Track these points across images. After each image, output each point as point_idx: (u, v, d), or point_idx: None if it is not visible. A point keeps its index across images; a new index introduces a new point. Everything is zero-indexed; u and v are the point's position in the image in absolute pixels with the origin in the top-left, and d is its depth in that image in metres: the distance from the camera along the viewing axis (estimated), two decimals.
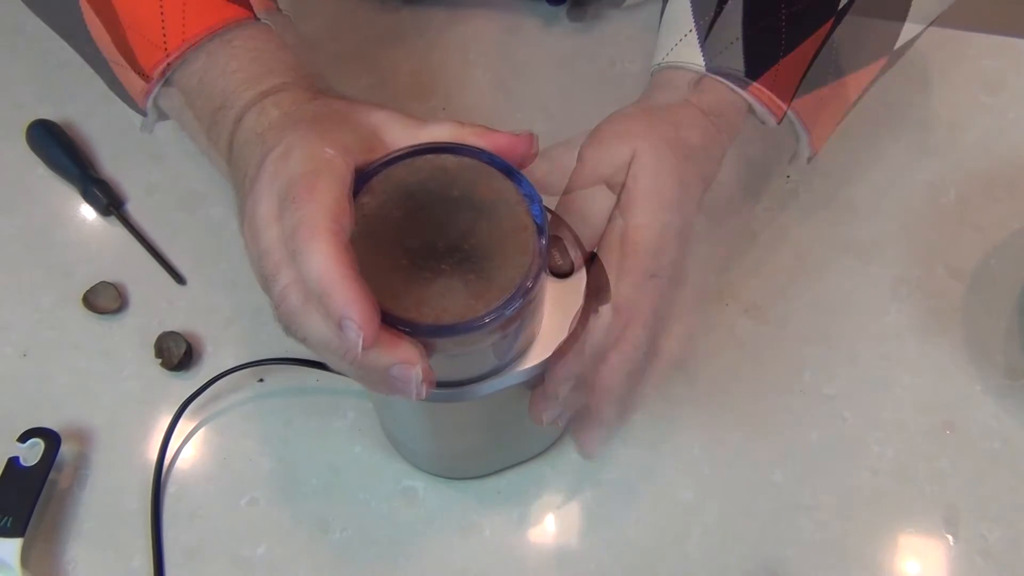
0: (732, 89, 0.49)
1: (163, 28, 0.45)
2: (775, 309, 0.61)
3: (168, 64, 0.45)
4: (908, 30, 0.52)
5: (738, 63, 0.49)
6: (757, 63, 0.49)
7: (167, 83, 0.47)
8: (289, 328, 0.37)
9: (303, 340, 0.37)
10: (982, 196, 0.65)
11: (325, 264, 0.33)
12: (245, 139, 0.43)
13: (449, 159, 0.40)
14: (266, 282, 0.37)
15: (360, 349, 0.33)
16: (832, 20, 0.51)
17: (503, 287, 0.37)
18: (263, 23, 0.47)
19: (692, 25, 0.51)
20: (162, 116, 0.50)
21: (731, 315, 0.60)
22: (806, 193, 0.65)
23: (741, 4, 0.50)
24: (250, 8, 0.46)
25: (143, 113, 0.49)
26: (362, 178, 0.39)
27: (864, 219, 0.64)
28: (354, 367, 0.36)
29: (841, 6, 0.51)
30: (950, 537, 0.54)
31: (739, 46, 0.49)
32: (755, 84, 0.49)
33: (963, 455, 0.56)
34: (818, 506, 0.54)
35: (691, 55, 0.50)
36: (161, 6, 0.45)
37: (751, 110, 0.51)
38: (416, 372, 0.35)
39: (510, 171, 0.40)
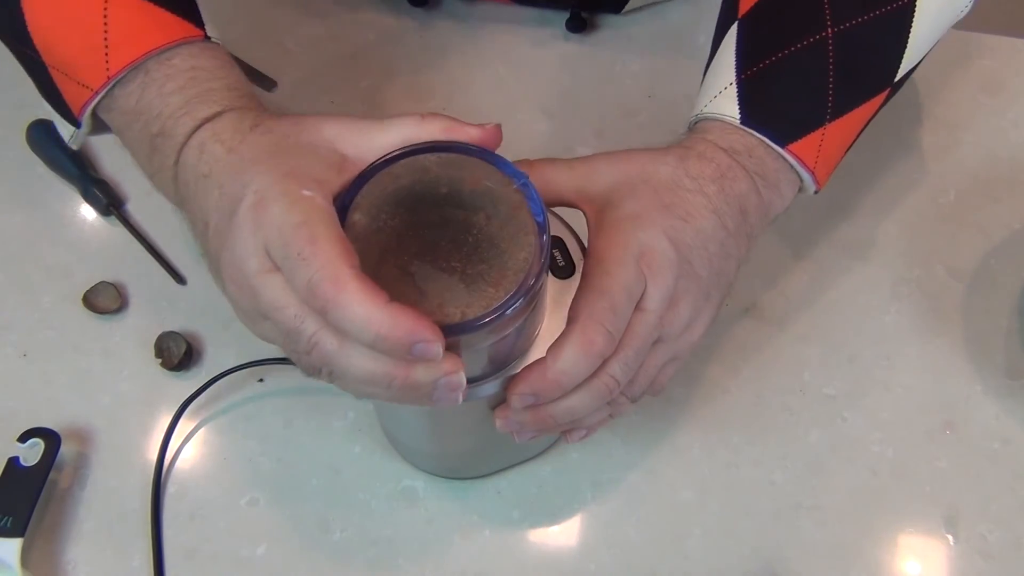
0: (771, 147, 0.48)
1: (106, 46, 0.43)
2: (775, 309, 0.61)
3: (108, 78, 0.44)
4: (909, 60, 0.51)
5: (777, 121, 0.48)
6: (799, 124, 0.48)
7: (108, 96, 0.45)
8: (322, 372, 0.38)
9: (339, 379, 0.38)
10: (982, 196, 0.65)
11: (368, 310, 0.34)
12: (191, 178, 0.42)
13: (429, 159, 0.40)
14: (284, 335, 0.38)
15: (440, 355, 0.35)
16: (888, 91, 0.51)
17: (512, 278, 0.38)
18: (213, 42, 0.46)
19: (734, 78, 0.49)
20: (97, 130, 0.48)
21: (731, 315, 0.60)
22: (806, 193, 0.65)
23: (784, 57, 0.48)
24: (201, 27, 0.45)
25: (76, 124, 0.47)
26: (346, 195, 0.39)
27: (864, 219, 0.64)
28: (401, 390, 0.37)
29: (898, 79, 0.51)
30: (950, 537, 0.54)
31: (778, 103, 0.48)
32: (795, 144, 0.48)
33: (963, 455, 0.56)
34: (818, 506, 0.55)
35: (730, 108, 0.48)
36: (106, 24, 0.43)
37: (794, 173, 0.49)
38: (460, 378, 0.37)
39: (497, 161, 0.40)
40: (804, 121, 0.48)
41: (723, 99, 0.49)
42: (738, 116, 0.48)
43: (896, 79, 0.51)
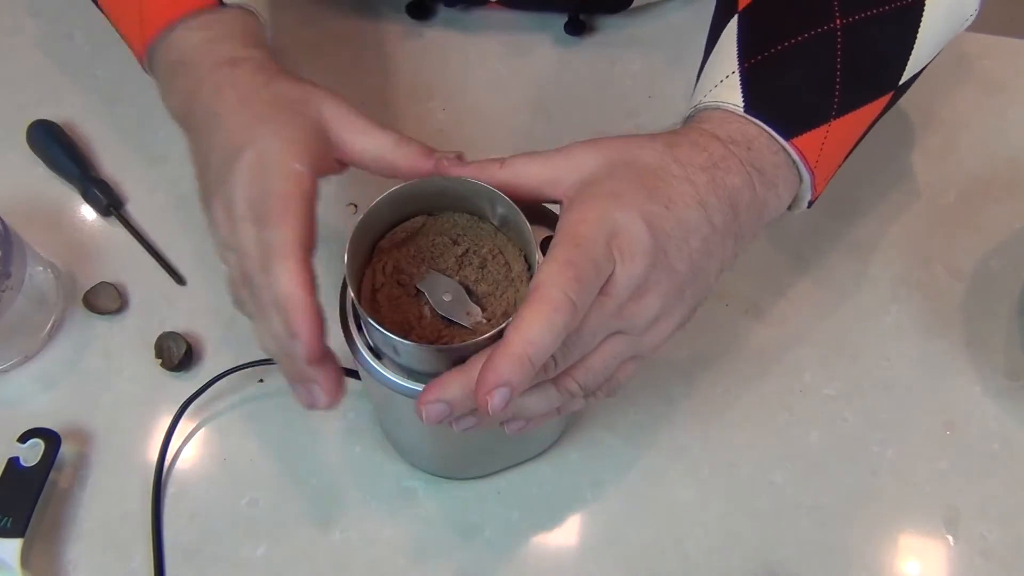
0: (774, 138, 0.46)
1: (141, 20, 0.50)
2: (775, 309, 0.61)
3: (146, 46, 0.50)
4: (915, 63, 0.50)
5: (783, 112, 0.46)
6: (804, 116, 0.46)
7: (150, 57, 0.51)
8: (246, 311, 0.44)
9: (257, 329, 0.43)
10: (982, 196, 0.65)
11: (288, 284, 0.39)
12: (203, 112, 0.46)
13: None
14: (239, 274, 0.43)
15: (304, 362, 0.40)
16: (892, 95, 0.50)
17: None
18: (231, 8, 0.50)
19: (736, 66, 0.47)
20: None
21: (731, 315, 0.60)
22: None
23: (791, 49, 0.47)
24: None
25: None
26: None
27: (864, 219, 0.64)
28: (285, 365, 0.43)
29: (903, 82, 0.50)
30: (950, 537, 0.54)
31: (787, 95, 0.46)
32: (800, 138, 0.46)
33: (963, 455, 0.56)
34: (818, 506, 0.55)
35: (733, 96, 0.46)
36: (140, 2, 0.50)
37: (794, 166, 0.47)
38: (322, 399, 0.42)
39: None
40: (810, 113, 0.46)
41: (724, 88, 0.47)
42: (741, 104, 0.45)
43: (901, 81, 0.50)
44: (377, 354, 0.42)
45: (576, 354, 0.41)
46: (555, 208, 0.44)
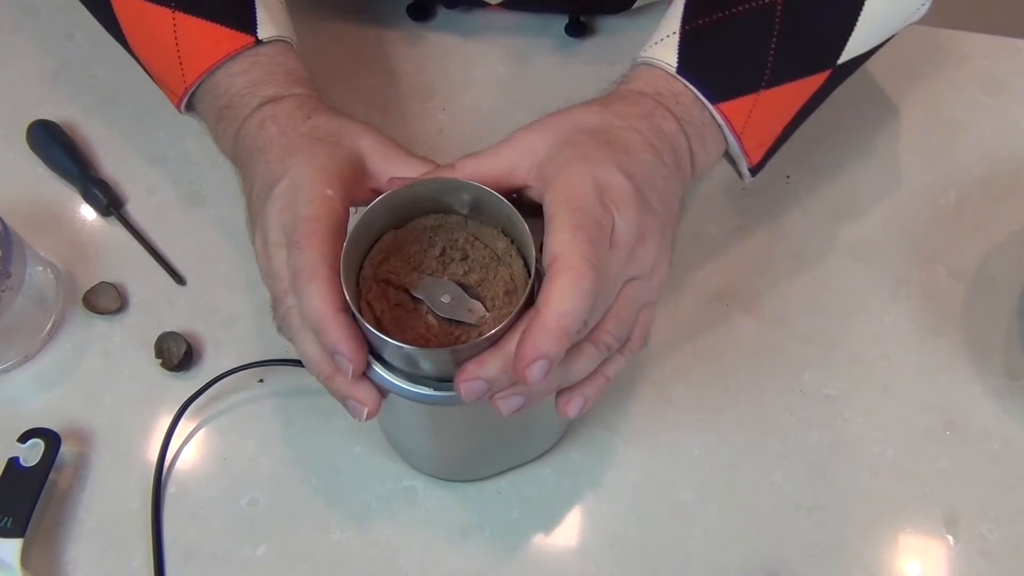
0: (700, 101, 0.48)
1: (180, 63, 0.52)
2: (775, 309, 0.61)
3: (186, 90, 0.52)
4: (856, 45, 0.51)
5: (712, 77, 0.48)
6: (732, 82, 0.48)
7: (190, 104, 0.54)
8: (286, 335, 0.45)
9: (294, 344, 0.44)
10: (982, 196, 0.65)
11: (320, 307, 0.40)
12: (248, 148, 0.49)
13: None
14: (273, 298, 0.45)
15: (350, 377, 0.41)
16: (829, 73, 0.51)
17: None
18: (268, 41, 0.52)
19: (678, 27, 0.50)
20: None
21: (731, 315, 0.60)
22: (806, 193, 0.65)
23: (732, 20, 0.49)
24: (254, 32, 0.52)
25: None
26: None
27: (864, 219, 0.64)
28: (326, 385, 0.43)
29: (842, 61, 0.51)
30: (950, 537, 0.54)
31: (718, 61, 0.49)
32: (726, 103, 0.48)
33: (963, 455, 0.56)
34: (818, 506, 0.55)
35: (668, 55, 0.49)
36: (177, 46, 0.52)
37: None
38: (361, 410, 0.42)
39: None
40: (738, 82, 0.48)
41: (662, 47, 0.49)
42: (675, 64, 0.48)
43: (840, 61, 0.51)
44: (377, 357, 0.42)
45: (601, 309, 0.41)
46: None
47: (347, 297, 0.40)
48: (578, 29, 0.71)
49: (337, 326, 0.40)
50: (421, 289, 0.42)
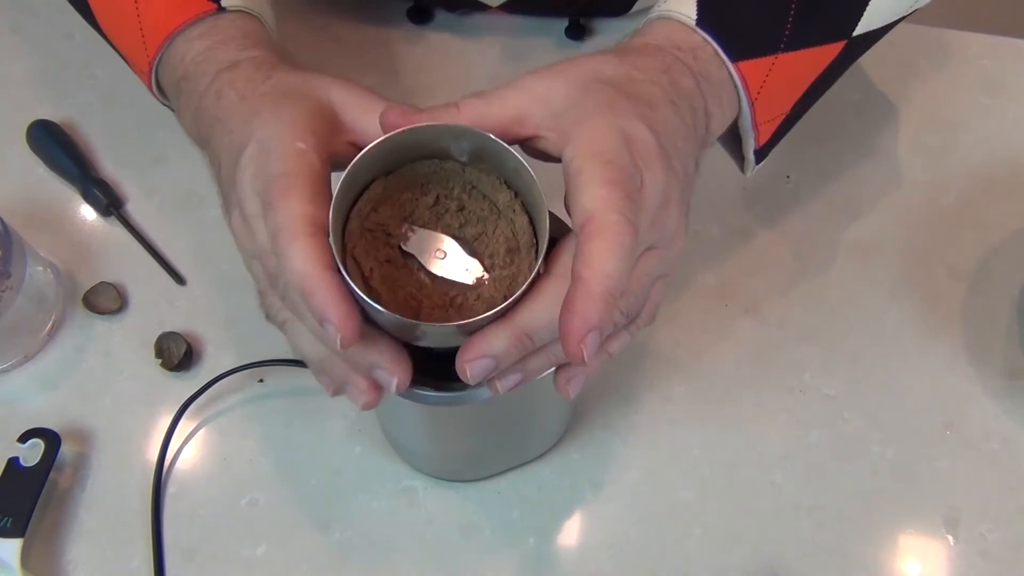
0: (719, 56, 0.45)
1: (142, 35, 0.48)
2: (775, 309, 0.61)
3: (150, 64, 0.49)
4: (871, 18, 0.50)
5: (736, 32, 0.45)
6: (753, 40, 0.46)
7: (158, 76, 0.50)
8: (277, 322, 0.40)
9: (289, 337, 0.40)
10: (982, 196, 0.65)
11: (303, 267, 0.35)
12: (209, 121, 0.44)
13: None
14: (266, 280, 0.40)
15: (338, 347, 0.35)
16: (844, 44, 0.50)
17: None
18: (229, 13, 0.48)
19: None
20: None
21: (731, 315, 0.60)
22: (806, 193, 0.65)
23: None
24: (216, 0, 0.48)
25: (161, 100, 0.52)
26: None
27: (864, 219, 0.64)
28: (333, 367, 0.39)
29: (856, 33, 0.50)
30: (950, 537, 0.54)
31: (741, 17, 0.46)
32: (746, 63, 0.45)
33: (963, 455, 0.56)
34: (818, 506, 0.55)
35: (687, 7, 0.45)
36: (139, 16, 0.48)
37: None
38: (390, 380, 0.37)
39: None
40: (759, 40, 0.46)
41: (679, 0, 0.46)
42: (694, 16, 0.45)
43: (855, 33, 0.50)
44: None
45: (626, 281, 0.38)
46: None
47: (335, 255, 0.35)
48: (578, 32, 0.71)
49: (325, 286, 0.34)
50: (413, 243, 0.38)
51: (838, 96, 0.55)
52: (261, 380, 0.58)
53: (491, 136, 0.37)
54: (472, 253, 0.39)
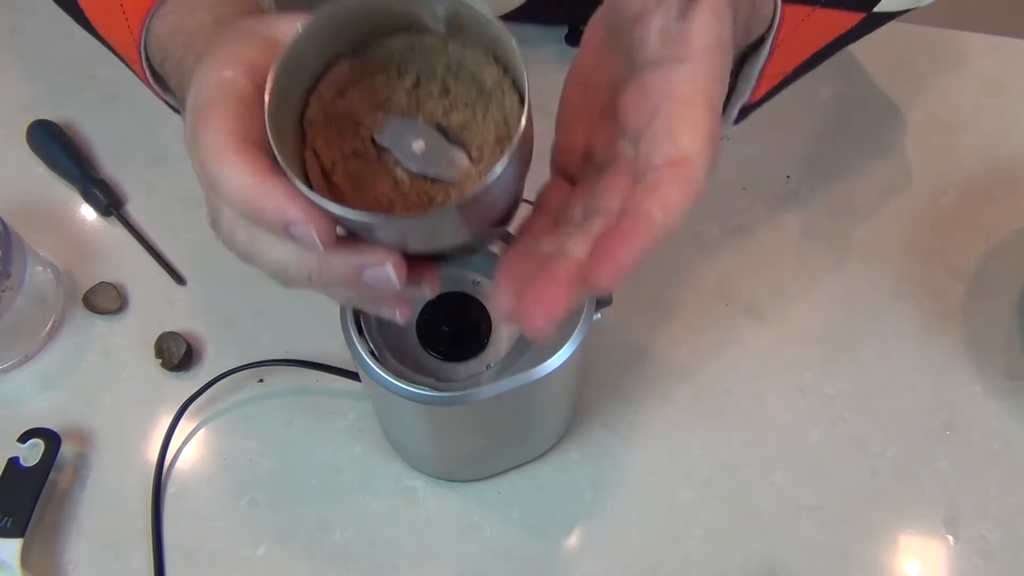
0: None
1: (125, 17, 0.45)
2: (775, 309, 0.61)
3: (138, 49, 0.45)
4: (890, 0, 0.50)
5: None
6: None
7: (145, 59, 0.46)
8: (246, 260, 0.35)
9: (267, 270, 0.35)
10: (982, 196, 0.65)
11: (241, 181, 0.31)
12: (182, 93, 0.41)
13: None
14: (215, 227, 0.35)
15: (320, 246, 0.31)
16: (864, 16, 0.49)
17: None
18: None
19: None
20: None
21: (731, 315, 0.60)
22: (806, 193, 0.65)
23: None
24: None
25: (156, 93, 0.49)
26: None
27: (864, 219, 0.64)
28: (326, 279, 0.33)
29: (877, 9, 0.50)
30: (950, 537, 0.54)
31: None
32: None
33: (963, 455, 0.56)
34: (818, 506, 0.55)
35: None
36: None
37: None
38: (388, 272, 0.32)
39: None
40: None
41: None
42: None
43: (876, 9, 0.50)
44: (377, 356, 0.42)
45: None
46: None
47: (277, 154, 0.30)
48: (577, 38, 0.71)
49: (270, 188, 0.30)
50: (387, 133, 0.33)
51: (838, 96, 0.55)
52: (261, 380, 0.58)
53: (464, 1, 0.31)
54: (458, 143, 0.34)
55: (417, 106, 0.34)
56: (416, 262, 0.33)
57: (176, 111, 0.48)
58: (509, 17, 0.71)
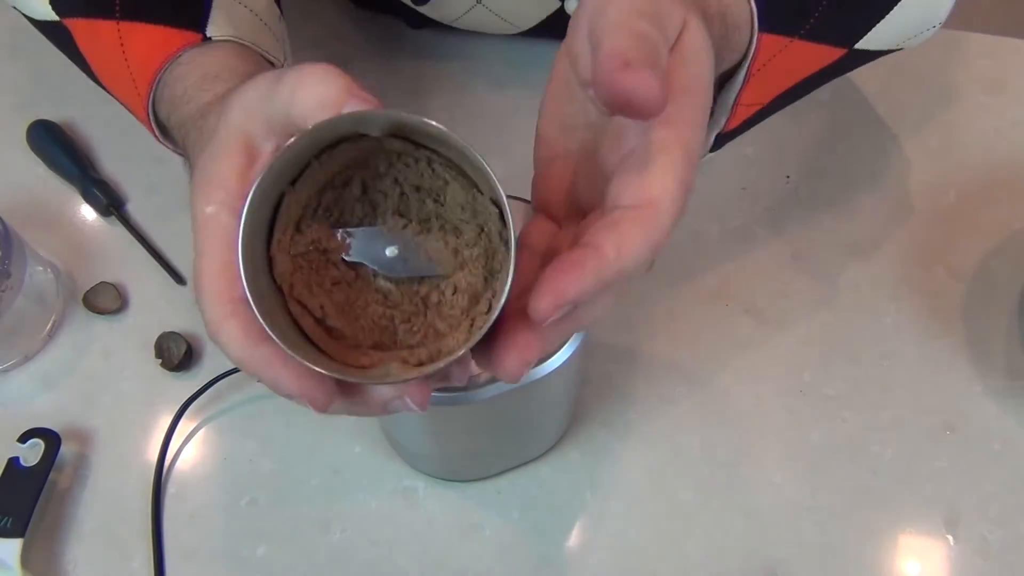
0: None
1: (132, 79, 0.46)
2: (775, 309, 0.61)
3: (145, 108, 0.46)
4: (875, 37, 0.50)
5: None
6: (781, 17, 0.44)
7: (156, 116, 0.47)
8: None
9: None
10: (982, 196, 0.65)
11: (239, 352, 0.31)
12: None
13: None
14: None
15: (318, 411, 0.31)
16: (843, 53, 0.50)
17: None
18: (216, 42, 0.45)
19: None
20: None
21: (731, 315, 0.60)
22: (806, 193, 0.65)
23: None
24: (202, 30, 0.45)
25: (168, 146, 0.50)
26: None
27: (864, 219, 0.64)
28: (350, 414, 0.34)
29: (857, 46, 0.50)
30: (950, 537, 0.54)
31: None
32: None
33: (963, 455, 0.56)
34: (818, 506, 0.54)
35: None
36: (126, 59, 0.46)
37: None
38: (406, 403, 0.33)
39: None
40: (787, 19, 0.45)
41: None
42: None
43: (856, 45, 0.50)
44: None
45: None
46: None
47: (264, 324, 0.29)
48: None
49: (261, 358, 0.31)
50: (356, 249, 0.32)
51: (838, 96, 0.55)
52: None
53: (405, 114, 0.30)
54: (436, 225, 0.33)
55: (376, 211, 0.33)
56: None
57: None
58: (526, 34, 0.71)
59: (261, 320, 0.29)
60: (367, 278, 0.33)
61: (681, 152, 0.32)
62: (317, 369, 0.29)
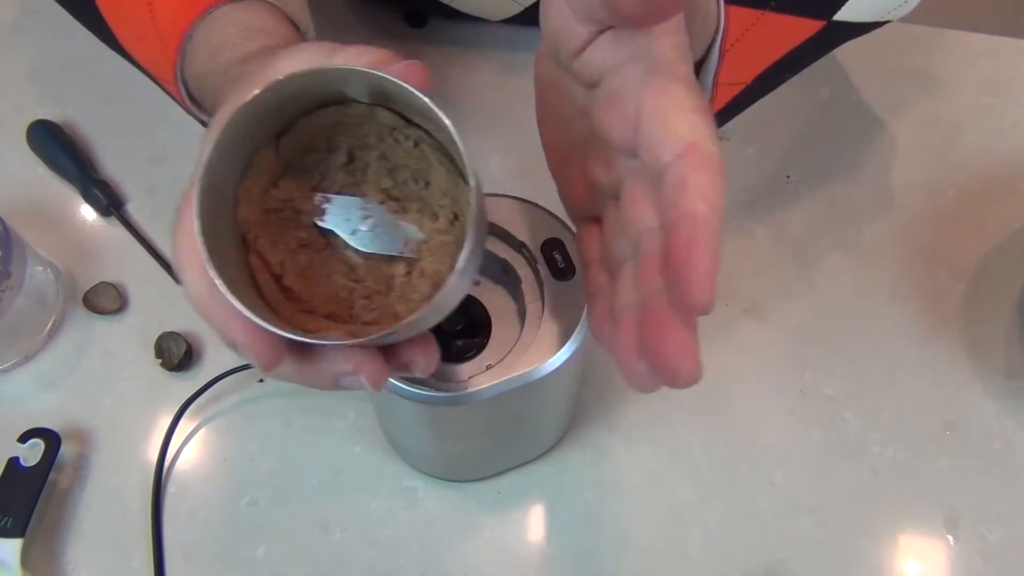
0: None
1: (157, 30, 0.44)
2: (775, 309, 0.61)
3: (174, 70, 0.45)
4: (852, 9, 0.49)
5: None
6: None
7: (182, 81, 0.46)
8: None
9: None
10: (982, 196, 0.65)
11: (196, 292, 0.31)
12: None
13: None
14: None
15: (263, 368, 0.30)
16: (823, 25, 0.49)
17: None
18: (250, 1, 0.44)
19: None
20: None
21: (731, 315, 0.60)
22: (806, 193, 0.65)
23: None
24: None
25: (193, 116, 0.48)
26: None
27: (864, 219, 0.64)
28: (302, 383, 0.32)
29: (836, 18, 0.49)
30: (950, 537, 0.54)
31: None
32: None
33: (963, 455, 0.56)
34: (818, 506, 0.54)
35: None
36: (151, 10, 0.44)
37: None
38: (359, 381, 0.31)
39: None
40: None
41: None
42: None
43: (835, 17, 0.49)
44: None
45: None
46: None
47: (214, 274, 0.28)
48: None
49: (215, 306, 0.30)
50: (330, 216, 0.31)
51: (838, 96, 0.55)
52: (261, 380, 0.58)
53: (387, 76, 0.29)
54: (414, 204, 0.32)
55: (358, 181, 0.32)
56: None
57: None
58: (510, 21, 0.71)
59: (204, 255, 0.28)
60: (337, 248, 0.32)
61: (681, 85, 0.31)
62: (249, 315, 0.28)
